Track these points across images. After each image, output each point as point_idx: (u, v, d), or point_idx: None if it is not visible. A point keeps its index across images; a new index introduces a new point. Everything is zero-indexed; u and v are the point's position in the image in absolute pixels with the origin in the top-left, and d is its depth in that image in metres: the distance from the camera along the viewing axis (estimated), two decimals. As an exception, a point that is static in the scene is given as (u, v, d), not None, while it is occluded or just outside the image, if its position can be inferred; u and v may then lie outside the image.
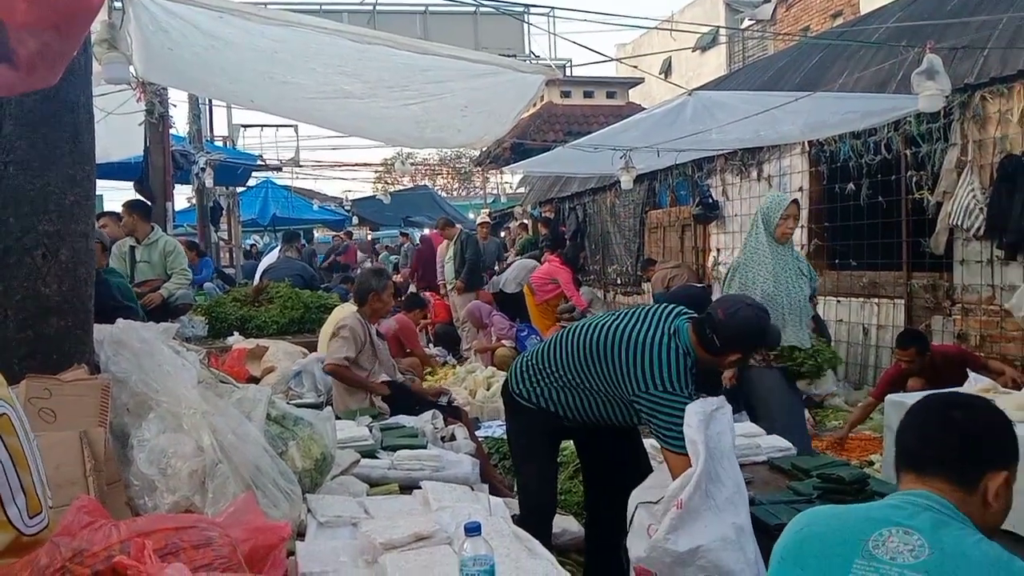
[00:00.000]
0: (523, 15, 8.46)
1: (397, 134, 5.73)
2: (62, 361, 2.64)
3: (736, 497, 2.86)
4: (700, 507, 2.76)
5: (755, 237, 4.80)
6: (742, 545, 2.76)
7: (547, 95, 17.01)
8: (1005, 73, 6.07)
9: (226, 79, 4.77)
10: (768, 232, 4.73)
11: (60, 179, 2.70)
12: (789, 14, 17.68)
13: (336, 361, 4.91)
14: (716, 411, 2.95)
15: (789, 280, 4.72)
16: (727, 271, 4.93)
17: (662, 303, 3.29)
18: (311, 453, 2.86)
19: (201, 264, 9.85)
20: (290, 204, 20.42)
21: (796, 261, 4.89)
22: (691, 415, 2.88)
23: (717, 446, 2.88)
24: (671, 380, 2.95)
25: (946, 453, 1.68)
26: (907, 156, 7.00)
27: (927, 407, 1.82)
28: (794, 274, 4.77)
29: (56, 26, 1.61)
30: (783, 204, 4.73)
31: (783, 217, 4.69)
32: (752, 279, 4.70)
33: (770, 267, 4.69)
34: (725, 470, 2.88)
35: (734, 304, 3.09)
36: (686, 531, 2.73)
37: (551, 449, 3.54)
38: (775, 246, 4.73)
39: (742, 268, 4.79)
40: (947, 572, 1.50)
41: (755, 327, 3.04)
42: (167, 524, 1.76)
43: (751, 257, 4.78)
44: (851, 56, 8.10)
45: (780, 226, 4.69)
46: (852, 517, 1.70)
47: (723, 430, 2.94)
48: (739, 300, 3.19)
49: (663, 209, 11.67)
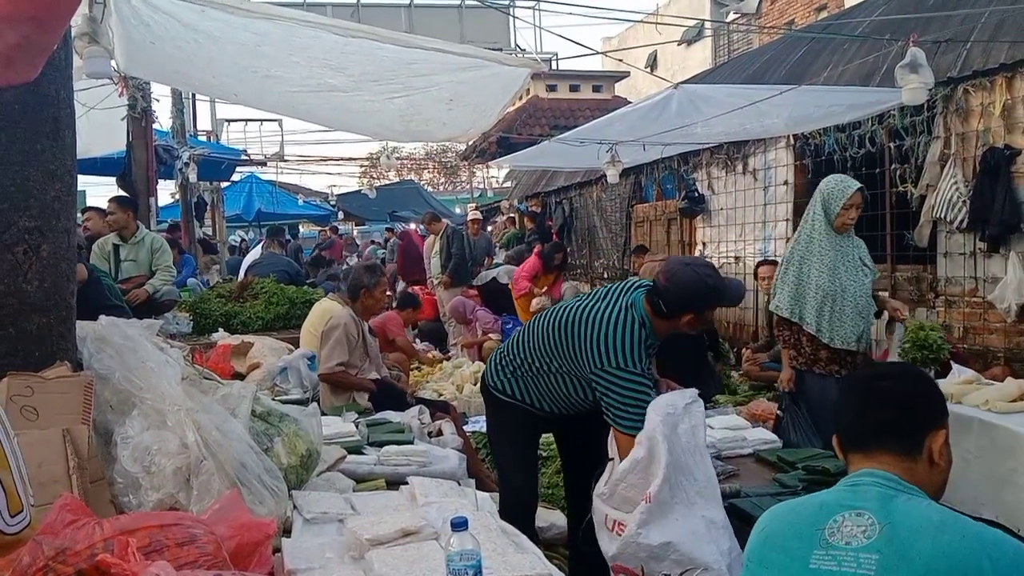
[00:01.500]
0: (508, 8, 8.45)
1: (382, 128, 5.71)
2: (44, 358, 2.61)
3: (707, 491, 2.87)
4: (670, 500, 2.77)
5: (811, 225, 4.35)
6: (714, 538, 2.77)
7: (533, 89, 17.01)
8: (987, 66, 6.11)
9: (209, 73, 4.75)
10: (827, 220, 4.27)
11: (41, 175, 2.67)
12: (774, 8, 17.73)
13: (329, 370, 4.88)
14: (689, 405, 2.96)
15: (849, 274, 4.27)
16: (781, 264, 4.48)
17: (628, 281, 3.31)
18: (297, 449, 2.84)
19: (182, 262, 9.78)
20: (275, 199, 20.35)
21: (856, 251, 4.39)
22: (659, 408, 2.88)
23: (690, 440, 2.90)
24: (624, 354, 2.99)
25: (885, 426, 1.71)
26: (891, 149, 7.04)
27: (855, 385, 1.88)
28: (854, 267, 4.31)
29: (35, 19, 1.59)
30: (847, 193, 4.23)
31: (845, 207, 4.23)
32: (807, 272, 4.28)
33: (828, 259, 4.25)
34: (697, 464, 2.89)
35: (674, 266, 3.13)
36: (656, 525, 2.75)
37: (530, 442, 3.54)
38: (834, 235, 4.28)
39: (796, 260, 4.35)
40: (897, 545, 1.52)
41: (699, 287, 3.04)
42: (151, 522, 1.75)
43: (807, 247, 4.33)
44: (835, 49, 8.13)
45: (841, 216, 4.24)
46: (807, 508, 1.72)
47: (696, 424, 2.95)
48: (680, 262, 3.24)
49: (649, 203, 11.69)
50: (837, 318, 4.24)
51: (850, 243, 4.35)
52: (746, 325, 9.39)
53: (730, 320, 9.62)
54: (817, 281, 4.24)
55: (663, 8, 20.85)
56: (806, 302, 4.28)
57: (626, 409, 2.96)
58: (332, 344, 4.88)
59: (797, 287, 4.31)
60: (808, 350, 4.37)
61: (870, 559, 1.52)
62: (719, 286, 3.14)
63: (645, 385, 3.01)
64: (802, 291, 4.29)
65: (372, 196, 20.68)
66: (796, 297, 4.32)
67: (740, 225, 9.43)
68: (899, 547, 1.51)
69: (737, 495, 3.41)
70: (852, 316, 4.25)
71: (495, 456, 3.77)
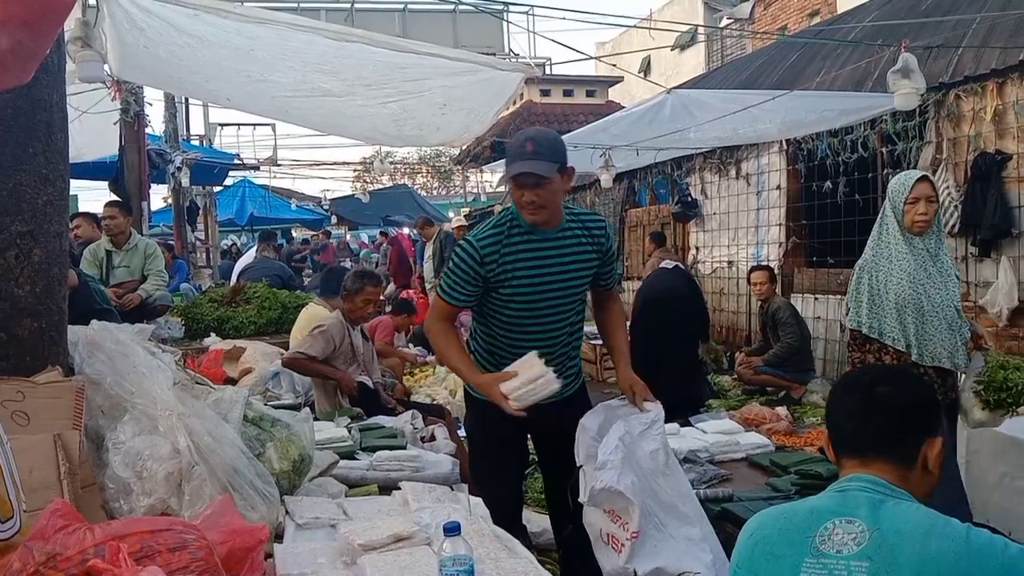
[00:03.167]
0: (503, 13, 8.46)
1: (375, 132, 5.71)
2: (35, 363, 2.60)
3: (678, 509, 2.88)
4: (647, 528, 2.79)
5: (884, 228, 3.76)
6: (696, 554, 2.79)
7: (527, 94, 17.03)
8: (979, 72, 6.15)
9: (202, 77, 4.74)
10: (898, 221, 3.67)
11: (33, 179, 2.66)
12: (767, 13, 17.80)
13: (290, 355, 4.90)
14: (646, 430, 2.94)
15: (932, 281, 3.62)
16: (852, 275, 3.85)
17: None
18: (289, 455, 2.84)
19: (175, 266, 9.75)
20: (268, 203, 20.31)
21: (942, 255, 3.74)
22: (613, 446, 2.83)
23: (653, 464, 2.89)
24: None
25: (886, 436, 1.69)
26: (883, 154, 7.07)
27: (851, 389, 1.81)
28: (939, 274, 3.66)
29: (28, 23, 1.59)
30: (907, 185, 3.63)
31: (909, 201, 3.60)
32: (884, 281, 3.64)
33: (906, 265, 3.62)
34: (662, 486, 2.89)
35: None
36: (641, 555, 2.77)
37: (510, 440, 3.32)
38: (911, 238, 3.65)
39: (870, 267, 3.73)
40: (887, 552, 1.52)
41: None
42: (142, 527, 1.74)
43: (880, 253, 3.72)
44: (828, 55, 8.17)
45: (908, 213, 3.61)
46: (797, 514, 1.70)
47: (656, 448, 2.93)
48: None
49: (643, 207, 11.72)
50: (923, 331, 3.60)
51: (935, 246, 3.71)
52: (739, 330, 9.41)
53: (723, 325, 9.64)
54: (896, 291, 3.61)
55: (657, 13, 20.90)
56: (884, 314, 3.65)
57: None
58: (309, 338, 4.87)
59: (872, 298, 3.69)
60: None
61: (861, 566, 1.52)
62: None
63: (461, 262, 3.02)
64: (879, 302, 3.67)
65: (365, 200, 20.67)
66: (873, 310, 3.69)
67: (733, 230, 9.45)
68: (888, 554, 1.51)
69: (730, 499, 3.43)
70: (941, 329, 3.60)
71: (472, 455, 3.55)
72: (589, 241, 3.07)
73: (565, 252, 3.02)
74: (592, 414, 3.03)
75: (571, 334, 3.19)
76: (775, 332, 7.25)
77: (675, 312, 7.02)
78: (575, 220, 3.07)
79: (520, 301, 3.02)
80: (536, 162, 2.81)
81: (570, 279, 3.04)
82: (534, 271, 2.99)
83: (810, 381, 7.26)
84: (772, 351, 7.18)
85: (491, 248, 2.96)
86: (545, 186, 2.83)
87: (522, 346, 3.04)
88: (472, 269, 2.96)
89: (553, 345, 3.11)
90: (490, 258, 2.95)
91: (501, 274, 2.97)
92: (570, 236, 3.04)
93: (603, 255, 3.12)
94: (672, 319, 6.98)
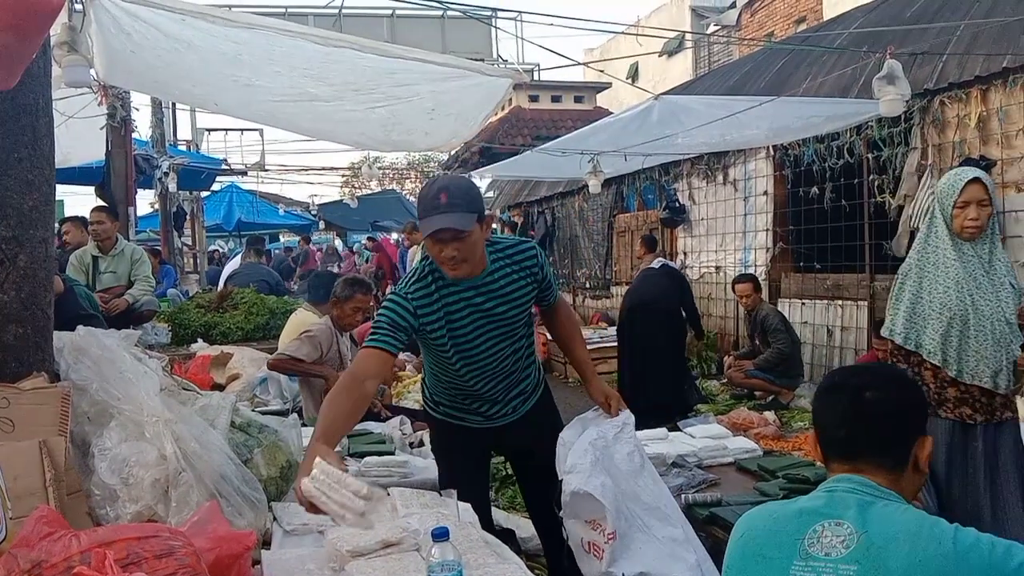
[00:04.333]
0: (491, 19, 8.48)
1: (364, 137, 5.70)
2: (21, 369, 2.59)
3: (659, 511, 2.88)
4: (628, 530, 2.78)
5: (932, 231, 3.43)
6: (680, 555, 2.79)
7: (515, 99, 17.07)
8: (963, 79, 6.20)
9: (189, 82, 4.72)
10: (947, 225, 3.35)
11: (18, 184, 2.65)
12: (754, 20, 17.91)
13: (276, 357, 4.93)
14: (619, 433, 2.95)
15: (982, 291, 3.32)
16: (895, 280, 3.56)
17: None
18: (276, 461, 2.83)
19: (162, 272, 9.70)
20: (255, 209, 20.25)
21: (996, 263, 3.40)
22: (583, 450, 2.82)
23: (630, 466, 2.90)
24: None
25: (877, 441, 1.68)
26: (869, 160, 7.11)
27: (838, 393, 1.77)
28: (990, 283, 3.35)
29: (14, 28, 1.58)
30: (957, 187, 3.31)
31: (959, 206, 3.28)
32: (928, 288, 3.36)
33: (954, 272, 3.32)
34: (642, 488, 2.90)
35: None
36: (624, 559, 2.75)
37: (472, 455, 3.24)
38: (960, 243, 3.34)
39: (914, 272, 3.43)
40: (874, 555, 1.52)
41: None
42: (129, 534, 1.73)
43: (926, 258, 3.42)
44: (814, 61, 8.22)
45: (957, 217, 3.30)
46: (786, 516, 1.69)
47: (632, 450, 2.94)
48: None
49: (631, 213, 11.75)
50: (966, 345, 3.31)
51: (987, 253, 3.39)
52: (727, 334, 9.44)
53: (711, 330, 9.67)
54: (942, 299, 3.33)
55: (644, 20, 21.00)
56: (926, 325, 3.38)
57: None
58: (297, 342, 4.86)
59: (914, 307, 3.41)
60: (932, 388, 3.37)
61: (849, 570, 1.53)
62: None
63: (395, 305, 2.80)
64: (920, 311, 3.40)
65: (354, 206, 20.62)
66: (912, 319, 3.42)
67: (720, 235, 9.48)
68: (876, 557, 1.51)
69: (719, 504, 3.43)
70: (987, 345, 3.29)
71: (440, 472, 3.39)
72: (521, 275, 2.90)
73: (496, 294, 2.85)
74: (570, 428, 3.01)
75: (521, 357, 3.06)
76: (764, 339, 7.27)
77: (662, 315, 7.04)
78: (502, 257, 2.88)
79: (463, 349, 2.88)
80: (452, 215, 2.58)
81: (509, 316, 2.90)
82: (468, 320, 2.84)
83: (799, 386, 7.29)
84: (763, 356, 7.20)
85: (423, 302, 2.79)
86: (464, 239, 2.62)
87: (473, 383, 2.97)
88: (405, 320, 2.75)
89: (503, 373, 3.01)
90: (422, 310, 2.79)
91: (438, 328, 2.82)
92: (500, 277, 2.85)
93: (539, 282, 2.96)
94: (659, 322, 7.00)
